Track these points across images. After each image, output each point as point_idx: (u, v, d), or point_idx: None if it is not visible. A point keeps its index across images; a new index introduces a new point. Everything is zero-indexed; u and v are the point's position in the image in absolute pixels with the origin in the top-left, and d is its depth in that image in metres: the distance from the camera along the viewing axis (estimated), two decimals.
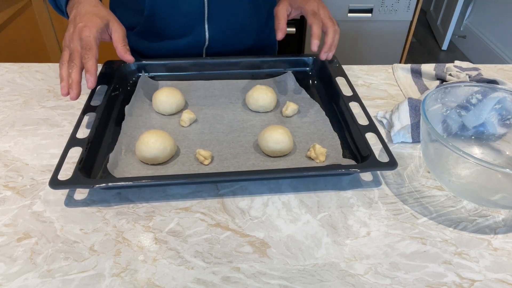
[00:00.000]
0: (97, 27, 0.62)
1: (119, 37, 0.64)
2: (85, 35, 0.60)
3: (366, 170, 0.56)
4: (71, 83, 0.57)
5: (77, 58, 0.59)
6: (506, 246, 0.50)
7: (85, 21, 0.61)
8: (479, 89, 0.63)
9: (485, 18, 2.67)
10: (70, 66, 0.59)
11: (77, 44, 0.60)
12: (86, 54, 0.59)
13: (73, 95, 0.57)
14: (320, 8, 0.74)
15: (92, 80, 0.58)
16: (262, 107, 0.70)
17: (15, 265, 0.47)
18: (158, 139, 0.58)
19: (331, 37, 0.72)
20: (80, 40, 0.60)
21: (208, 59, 0.82)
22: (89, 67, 0.58)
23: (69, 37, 0.61)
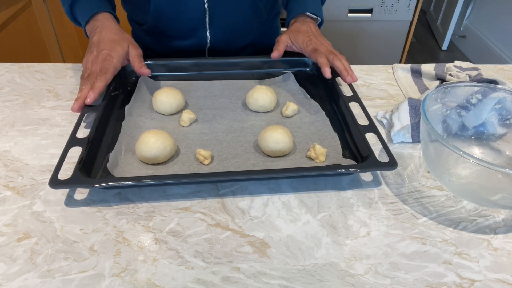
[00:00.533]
0: (119, 57, 0.71)
1: (135, 56, 0.72)
2: (106, 63, 0.69)
3: (366, 170, 0.56)
4: (78, 97, 0.65)
5: (92, 79, 0.67)
6: (506, 246, 0.50)
7: (109, 49, 0.70)
8: (479, 89, 0.63)
9: (485, 18, 2.67)
10: (82, 84, 0.66)
11: (97, 68, 0.68)
12: (100, 76, 0.67)
13: (75, 108, 0.64)
14: (319, 44, 0.76)
15: (92, 97, 0.64)
16: (262, 107, 0.70)
17: (15, 265, 0.47)
18: (158, 139, 0.58)
19: (340, 63, 0.72)
20: (102, 64, 0.69)
21: (209, 59, 0.82)
22: (97, 86, 0.66)
23: (92, 60, 0.70)
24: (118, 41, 0.72)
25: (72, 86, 0.80)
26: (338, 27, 2.00)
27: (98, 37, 0.71)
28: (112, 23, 0.74)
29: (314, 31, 0.79)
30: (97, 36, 0.72)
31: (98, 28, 0.73)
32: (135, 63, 0.71)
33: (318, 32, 0.80)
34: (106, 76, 0.67)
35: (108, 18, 0.75)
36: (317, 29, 0.81)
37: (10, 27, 1.54)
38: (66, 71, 0.85)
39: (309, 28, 0.79)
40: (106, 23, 0.73)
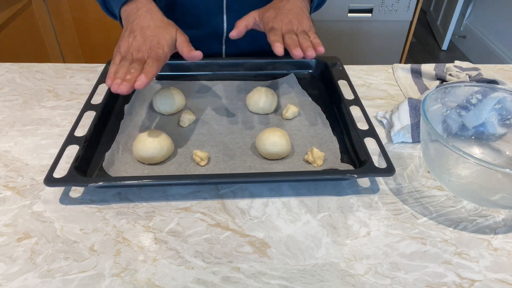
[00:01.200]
0: (169, 46, 0.62)
1: (182, 41, 0.64)
2: (158, 51, 0.60)
3: (362, 176, 0.56)
4: (128, 79, 0.55)
5: (141, 65, 0.57)
6: (506, 246, 0.50)
7: (157, 35, 0.61)
8: (479, 89, 0.63)
9: (485, 18, 2.67)
10: (131, 67, 0.56)
11: (144, 55, 0.59)
12: (152, 62, 0.57)
13: (123, 89, 0.53)
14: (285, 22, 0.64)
15: (144, 82, 0.54)
16: (262, 109, 0.70)
17: (15, 265, 0.47)
18: (155, 139, 0.58)
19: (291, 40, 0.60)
20: (150, 52, 0.59)
21: (211, 59, 0.82)
22: (149, 71, 0.56)
23: (138, 46, 0.60)
24: (165, 27, 0.63)
25: (72, 86, 0.80)
26: (338, 27, 2.00)
27: (141, 22, 0.63)
28: (155, 7, 0.66)
29: (291, 7, 0.67)
30: (140, 20, 0.63)
31: (139, 10, 0.65)
32: (184, 48, 0.63)
33: (297, 9, 0.66)
34: (158, 63, 0.58)
35: (150, 1, 0.66)
36: (300, 6, 0.68)
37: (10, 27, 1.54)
38: (66, 71, 0.85)
39: (286, 3, 0.67)
40: (148, 6, 0.65)
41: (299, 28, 0.63)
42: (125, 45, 0.61)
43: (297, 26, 0.63)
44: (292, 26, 0.63)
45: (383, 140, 0.67)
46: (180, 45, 0.64)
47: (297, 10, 0.66)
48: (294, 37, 0.60)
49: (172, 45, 0.63)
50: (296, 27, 0.63)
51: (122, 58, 0.59)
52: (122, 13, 0.67)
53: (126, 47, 0.60)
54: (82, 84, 0.81)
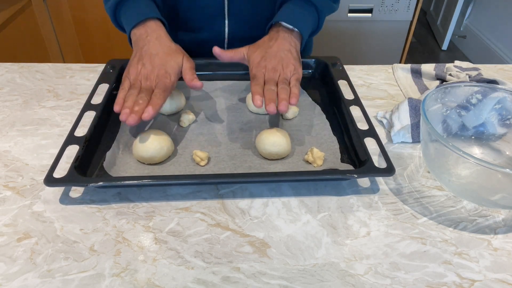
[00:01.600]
0: (176, 74, 0.65)
1: (187, 69, 0.66)
2: (165, 81, 0.62)
3: (362, 176, 0.56)
4: (136, 110, 0.57)
5: (148, 95, 0.60)
6: (506, 246, 0.50)
7: (165, 64, 0.64)
8: (479, 89, 0.63)
9: (485, 18, 2.67)
10: (139, 98, 0.59)
11: (152, 83, 0.62)
12: (159, 93, 0.60)
13: (131, 121, 0.56)
14: (268, 69, 0.64)
15: (151, 114, 0.57)
16: (262, 109, 0.70)
17: (15, 265, 0.47)
18: (155, 139, 0.58)
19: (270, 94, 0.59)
20: (158, 81, 0.62)
21: (211, 59, 0.81)
22: (156, 103, 0.59)
23: (146, 74, 0.62)
24: (172, 55, 0.66)
25: (72, 86, 0.80)
26: (338, 27, 2.00)
27: (150, 48, 0.65)
28: (164, 33, 0.68)
29: (277, 49, 0.66)
30: (149, 47, 0.65)
31: (149, 36, 0.67)
32: (187, 76, 0.65)
33: (283, 52, 0.66)
34: (165, 94, 0.61)
35: (160, 27, 0.68)
36: (288, 47, 0.67)
37: (10, 27, 1.54)
38: (66, 71, 0.85)
39: (274, 44, 0.67)
40: (158, 32, 0.67)
41: (282, 75, 0.63)
42: (134, 72, 0.63)
43: (279, 72, 0.64)
44: (275, 73, 0.63)
45: (383, 140, 0.67)
46: (184, 72, 0.66)
47: (283, 53, 0.66)
48: (273, 88, 0.61)
49: (179, 72, 0.65)
50: (278, 74, 0.63)
51: (131, 85, 0.62)
52: (132, 36, 0.69)
53: (135, 74, 0.63)
54: (82, 84, 0.81)
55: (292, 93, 0.60)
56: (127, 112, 0.57)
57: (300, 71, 0.66)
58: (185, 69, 0.66)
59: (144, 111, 0.57)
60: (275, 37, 0.68)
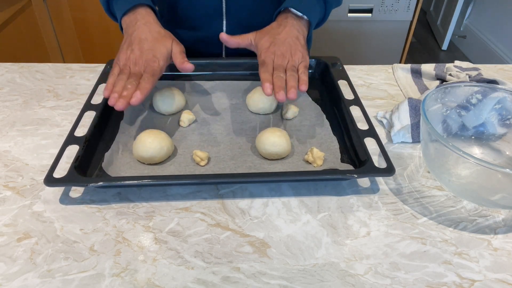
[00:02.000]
0: (164, 59, 0.65)
1: (177, 52, 0.66)
2: (153, 65, 0.63)
3: (362, 176, 0.56)
4: (124, 95, 0.58)
5: (137, 80, 0.61)
6: (506, 246, 0.50)
7: (153, 49, 0.64)
8: (479, 89, 0.63)
9: (485, 18, 2.67)
10: (128, 83, 0.60)
11: (140, 68, 0.63)
12: (147, 78, 0.61)
13: (120, 106, 0.57)
14: (276, 55, 0.64)
15: (139, 98, 0.58)
16: (262, 109, 0.70)
17: (15, 265, 0.47)
18: (155, 139, 0.58)
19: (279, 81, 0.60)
20: (146, 65, 0.63)
21: (211, 59, 0.82)
22: (144, 87, 0.60)
23: (135, 59, 0.63)
24: (161, 40, 0.66)
25: (72, 86, 0.80)
26: (338, 27, 2.00)
27: (139, 34, 0.66)
28: (154, 19, 0.68)
29: (286, 36, 0.66)
30: (138, 33, 0.66)
31: (138, 22, 0.67)
32: (177, 59, 0.66)
33: (291, 39, 0.66)
34: (153, 79, 0.62)
35: (149, 13, 0.69)
36: (296, 34, 0.67)
37: (10, 27, 1.54)
38: (66, 71, 0.85)
39: (283, 30, 0.67)
40: (147, 18, 0.68)
41: (290, 62, 0.64)
42: (123, 57, 0.64)
43: (288, 59, 0.64)
44: (283, 60, 0.64)
45: (383, 140, 0.67)
46: (174, 56, 0.66)
47: (292, 40, 0.66)
48: (282, 75, 0.61)
49: (167, 57, 0.66)
50: (287, 61, 0.64)
51: (120, 70, 0.63)
52: (122, 23, 0.70)
53: (124, 60, 0.64)
54: (82, 84, 0.81)
55: (301, 80, 0.61)
56: (116, 96, 0.58)
57: (307, 58, 0.66)
58: (175, 53, 0.66)
59: (132, 96, 0.57)
60: (283, 23, 0.68)
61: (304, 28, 0.70)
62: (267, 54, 0.64)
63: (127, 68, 0.63)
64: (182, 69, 0.65)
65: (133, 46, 0.64)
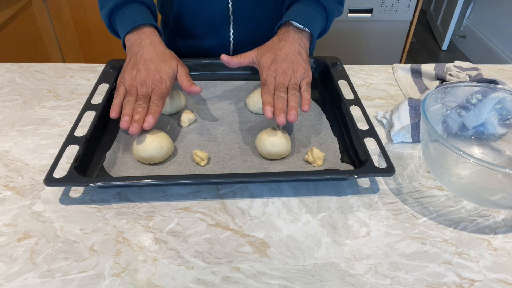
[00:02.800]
0: (171, 80, 0.65)
1: (183, 75, 0.67)
2: (161, 87, 0.63)
3: (362, 176, 0.56)
4: (137, 119, 0.59)
5: (146, 102, 0.61)
6: (506, 246, 0.50)
7: (159, 70, 0.64)
8: (479, 89, 0.63)
9: (485, 18, 2.67)
10: (138, 105, 0.60)
11: (148, 90, 0.63)
12: (157, 101, 0.61)
13: (134, 131, 0.57)
14: (278, 74, 0.63)
15: (152, 123, 0.59)
16: (262, 109, 0.70)
17: (15, 265, 0.47)
18: (155, 139, 0.58)
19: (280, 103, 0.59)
20: (153, 87, 0.63)
21: (211, 59, 0.82)
22: (155, 111, 0.60)
23: (141, 80, 0.63)
24: (167, 60, 0.66)
25: (72, 86, 0.80)
26: (338, 27, 2.00)
27: (145, 55, 0.65)
28: (158, 39, 0.69)
29: (287, 51, 0.65)
30: (143, 53, 0.66)
31: (143, 42, 0.67)
32: (184, 82, 0.66)
33: (293, 55, 0.65)
34: (162, 101, 0.62)
35: (154, 33, 0.69)
36: (298, 49, 0.67)
37: (10, 27, 1.54)
38: (66, 71, 0.85)
39: (284, 46, 0.66)
40: (152, 38, 0.68)
41: (292, 79, 0.63)
42: (129, 77, 0.64)
43: (290, 77, 0.63)
44: (285, 77, 0.63)
45: (383, 140, 0.67)
46: (181, 78, 0.66)
47: (293, 56, 0.65)
48: (283, 95, 0.60)
49: (173, 78, 0.66)
50: (289, 79, 0.63)
51: (127, 91, 0.63)
52: (126, 42, 0.69)
53: (130, 80, 0.64)
54: (82, 84, 0.81)
55: (304, 99, 0.61)
56: (127, 120, 0.58)
57: (310, 74, 0.65)
58: (181, 75, 0.67)
59: (144, 121, 0.58)
60: (284, 38, 0.68)
61: (306, 41, 0.69)
62: (269, 72, 0.64)
63: (133, 89, 0.63)
64: (190, 92, 0.65)
65: (139, 66, 0.64)
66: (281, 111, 0.58)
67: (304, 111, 0.60)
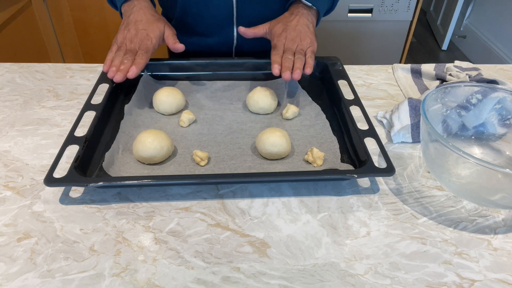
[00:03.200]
0: (157, 38, 0.73)
1: (169, 35, 0.76)
2: (147, 43, 0.72)
3: (362, 176, 0.56)
4: (122, 69, 0.67)
5: (132, 56, 0.70)
6: (506, 246, 0.50)
7: (147, 29, 0.73)
8: (479, 89, 0.63)
9: (485, 18, 2.67)
10: (125, 58, 0.69)
11: (136, 45, 0.72)
12: (142, 54, 0.70)
13: (118, 78, 0.67)
14: (288, 39, 0.72)
15: (135, 72, 0.67)
16: (262, 109, 0.70)
17: (15, 265, 0.47)
18: (155, 139, 0.58)
19: (287, 62, 0.68)
20: (140, 43, 0.72)
21: (211, 59, 0.82)
22: (139, 62, 0.69)
23: (130, 38, 0.72)
24: (155, 21, 0.74)
25: (72, 86, 0.80)
26: (338, 27, 2.00)
27: (135, 16, 0.74)
28: (149, 5, 0.77)
29: (296, 23, 0.73)
30: (134, 15, 0.74)
31: (135, 7, 0.75)
32: (170, 40, 0.74)
33: (302, 26, 0.73)
34: (147, 55, 0.70)
35: (147, 2, 0.77)
36: (306, 22, 0.74)
37: (10, 27, 1.54)
38: (66, 71, 0.85)
39: (294, 18, 0.74)
40: (143, 4, 0.76)
41: (299, 46, 0.72)
42: (120, 36, 0.73)
43: (297, 43, 0.72)
44: (293, 44, 0.71)
45: (383, 140, 0.67)
46: (167, 38, 0.75)
47: (302, 27, 0.73)
48: (290, 57, 0.69)
49: (160, 37, 0.74)
50: (296, 45, 0.71)
51: (118, 48, 0.71)
52: (122, 10, 0.78)
53: (121, 39, 0.72)
54: (82, 84, 0.81)
55: (308, 63, 0.69)
56: (114, 70, 0.67)
57: (315, 44, 0.73)
58: (167, 35, 0.75)
59: (129, 70, 0.67)
60: (295, 12, 0.75)
61: (313, 17, 0.77)
62: (279, 38, 0.72)
63: (123, 46, 0.71)
64: (174, 49, 0.74)
65: (129, 26, 0.73)
66: (287, 69, 0.66)
67: (306, 73, 0.68)
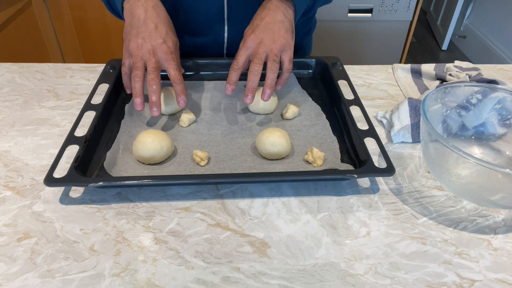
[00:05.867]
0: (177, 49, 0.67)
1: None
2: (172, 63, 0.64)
3: (362, 176, 0.55)
4: (154, 101, 0.60)
5: (158, 76, 0.62)
6: (506, 246, 0.50)
7: (163, 37, 0.64)
8: (479, 89, 0.63)
9: (485, 18, 2.67)
10: (151, 80, 0.61)
11: (157, 59, 0.63)
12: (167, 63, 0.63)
13: (156, 114, 0.60)
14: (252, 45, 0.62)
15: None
16: (262, 109, 0.70)
17: (15, 265, 0.47)
18: (155, 139, 0.58)
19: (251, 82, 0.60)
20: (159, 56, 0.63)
21: (211, 59, 0.82)
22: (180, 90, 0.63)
23: (147, 50, 0.63)
24: (171, 26, 0.66)
25: (72, 86, 0.80)
26: (338, 27, 2.00)
27: (148, 20, 0.63)
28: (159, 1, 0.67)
29: (269, 20, 0.63)
30: (147, 17, 0.63)
31: (146, 3, 0.64)
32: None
33: (275, 24, 0.63)
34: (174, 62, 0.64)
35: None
36: (280, 18, 0.64)
37: (10, 27, 1.54)
38: (66, 71, 0.85)
39: (267, 14, 0.64)
40: (154, 1, 0.65)
41: (273, 50, 0.62)
42: (134, 46, 0.63)
43: (268, 47, 0.62)
44: (262, 48, 0.62)
45: (383, 140, 0.67)
46: None
47: (274, 26, 0.63)
48: (257, 67, 0.60)
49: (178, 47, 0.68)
50: (266, 49, 0.62)
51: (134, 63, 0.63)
52: (125, 4, 0.68)
53: (136, 50, 0.63)
54: (82, 84, 0.81)
55: (280, 79, 0.60)
56: (140, 102, 0.61)
57: (291, 46, 0.63)
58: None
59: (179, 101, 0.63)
60: (268, 6, 0.65)
61: (290, 11, 0.67)
62: (245, 44, 0.63)
63: (140, 61, 0.62)
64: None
65: (144, 33, 0.63)
66: (249, 91, 0.58)
67: (276, 89, 0.62)
